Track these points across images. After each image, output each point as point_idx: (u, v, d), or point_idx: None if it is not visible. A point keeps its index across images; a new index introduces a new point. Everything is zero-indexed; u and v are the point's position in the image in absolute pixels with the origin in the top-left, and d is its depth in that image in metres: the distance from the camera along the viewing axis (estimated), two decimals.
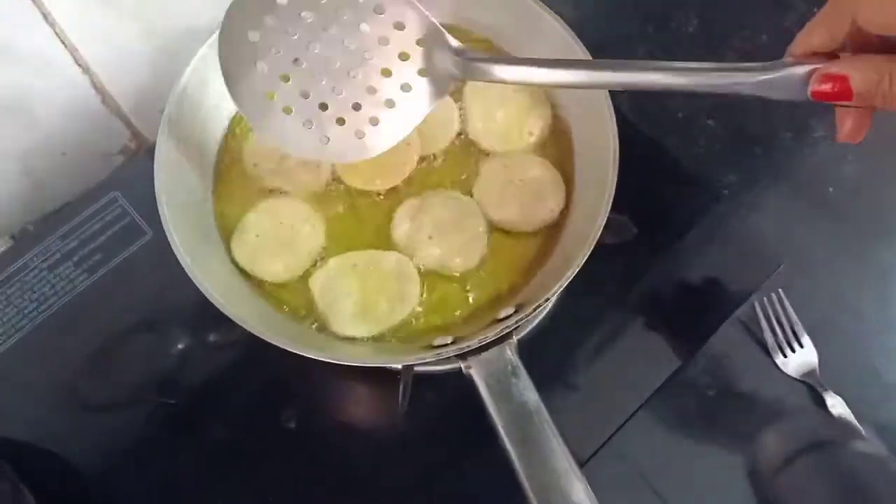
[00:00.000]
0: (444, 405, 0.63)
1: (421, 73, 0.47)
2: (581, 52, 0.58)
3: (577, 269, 0.50)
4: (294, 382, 0.65)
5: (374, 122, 0.48)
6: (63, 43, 0.65)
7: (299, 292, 0.58)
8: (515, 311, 0.50)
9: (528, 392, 0.47)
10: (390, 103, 0.48)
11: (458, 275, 0.58)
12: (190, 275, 0.52)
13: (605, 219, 0.52)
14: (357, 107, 0.48)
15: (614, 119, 0.55)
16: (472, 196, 0.60)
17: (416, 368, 0.59)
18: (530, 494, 0.44)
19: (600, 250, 0.52)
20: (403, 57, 0.46)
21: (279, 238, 0.58)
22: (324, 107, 0.48)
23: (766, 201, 0.75)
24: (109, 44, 0.69)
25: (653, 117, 0.78)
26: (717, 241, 0.70)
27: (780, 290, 0.69)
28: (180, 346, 0.67)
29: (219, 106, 0.62)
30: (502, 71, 0.45)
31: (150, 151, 0.56)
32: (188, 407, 0.65)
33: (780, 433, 0.55)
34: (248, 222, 0.59)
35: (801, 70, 0.38)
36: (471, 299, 0.57)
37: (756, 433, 0.65)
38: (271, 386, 0.65)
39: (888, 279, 0.72)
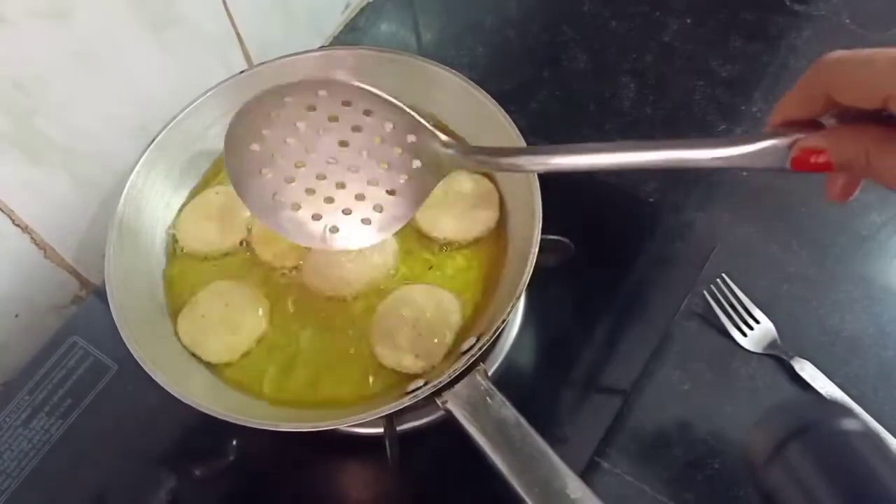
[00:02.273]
0: (433, 456, 0.64)
1: (417, 163, 0.49)
2: (486, 100, 0.64)
3: (523, 290, 0.53)
4: (285, 479, 0.65)
5: (379, 209, 0.51)
6: None
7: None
8: (477, 341, 0.52)
9: (504, 409, 0.49)
10: (392, 192, 0.50)
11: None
12: (163, 385, 0.53)
13: (538, 240, 0.55)
14: (361, 197, 0.51)
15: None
16: None
17: (398, 427, 0.60)
18: (530, 502, 0.45)
19: (546, 272, 0.55)
20: (398, 151, 0.49)
21: (224, 319, 0.61)
22: (329, 200, 0.51)
23: (689, 198, 0.79)
24: (44, 200, 0.71)
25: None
26: (652, 243, 0.73)
27: (723, 274, 0.72)
28: (168, 475, 0.66)
29: (156, 228, 0.66)
30: (495, 160, 0.48)
31: (99, 292, 0.58)
32: None
33: (764, 423, 0.56)
34: (197, 301, 0.62)
35: (782, 141, 0.39)
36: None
37: (737, 414, 0.67)
38: (264, 488, 0.65)
39: (818, 238, 0.76)
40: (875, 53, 0.36)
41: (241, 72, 0.69)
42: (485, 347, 0.51)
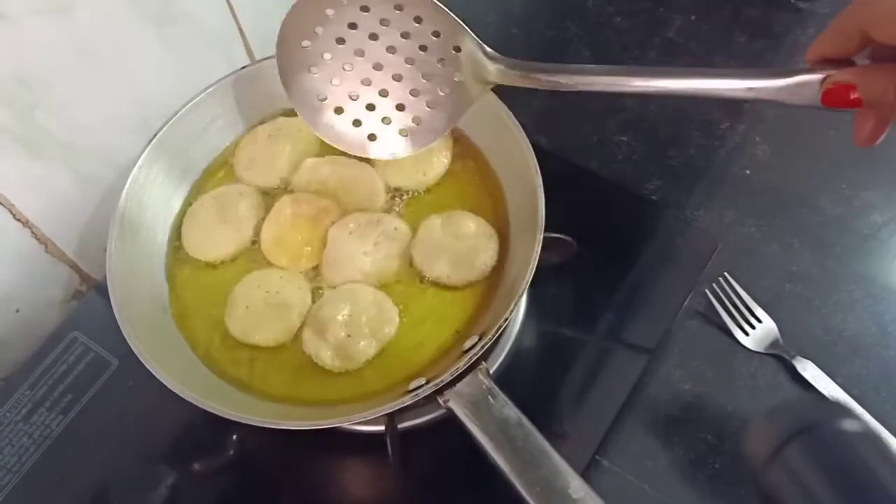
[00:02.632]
0: (435, 454, 0.64)
1: (459, 76, 0.50)
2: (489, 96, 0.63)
3: (525, 289, 0.53)
4: (285, 476, 0.65)
5: (417, 121, 0.52)
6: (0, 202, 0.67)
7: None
8: (479, 339, 0.52)
9: (507, 408, 0.49)
10: (432, 104, 0.52)
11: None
12: (164, 381, 0.53)
13: (541, 241, 0.55)
14: (401, 107, 0.52)
15: (533, 153, 0.59)
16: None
17: (399, 425, 0.60)
18: (531, 502, 0.45)
19: (549, 270, 0.55)
20: (442, 62, 0.50)
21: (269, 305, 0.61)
22: (371, 107, 0.52)
23: (691, 196, 0.79)
24: (45, 195, 0.71)
25: (570, 145, 0.83)
26: (655, 241, 0.73)
27: (725, 273, 0.72)
28: (168, 470, 0.66)
29: (157, 223, 0.65)
30: (534, 75, 0.50)
31: (100, 287, 0.58)
32: None
33: (764, 423, 0.56)
34: (236, 295, 0.62)
35: (816, 77, 0.40)
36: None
37: (738, 413, 0.67)
38: (264, 485, 0.65)
39: (820, 238, 0.76)
40: None
41: (244, 67, 0.69)
42: (487, 346, 0.51)
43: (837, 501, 0.47)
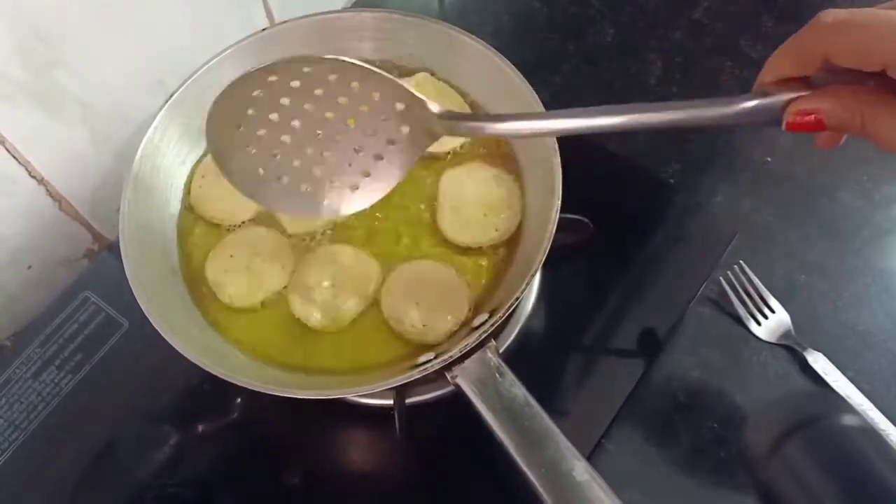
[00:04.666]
0: (442, 430, 0.64)
1: (405, 128, 0.48)
2: (508, 69, 0.62)
3: (539, 267, 0.52)
4: (290, 442, 0.66)
5: (366, 174, 0.50)
6: (15, 158, 0.67)
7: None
8: (490, 317, 0.52)
9: (514, 388, 0.49)
10: (378, 157, 0.49)
11: None
12: (174, 345, 0.52)
13: (557, 218, 0.54)
14: (347, 164, 0.50)
15: None
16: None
17: (407, 400, 0.60)
18: (535, 482, 0.45)
19: (563, 250, 0.54)
20: (385, 118, 0.48)
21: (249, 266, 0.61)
22: (315, 171, 0.50)
23: (710, 181, 0.78)
24: (60, 152, 0.71)
25: None
26: (672, 226, 0.72)
27: (740, 261, 0.71)
28: (174, 430, 0.67)
29: (171, 185, 0.64)
30: (482, 126, 0.47)
31: (112, 248, 0.57)
32: (192, 492, 0.65)
33: (764, 418, 0.56)
34: (226, 242, 0.63)
35: (777, 99, 0.39)
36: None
37: (746, 403, 0.66)
38: (269, 450, 0.66)
39: (840, 230, 0.75)
40: (875, 16, 0.36)
41: (263, 30, 0.68)
42: (497, 324, 0.51)
43: (836, 496, 0.47)
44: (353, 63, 0.46)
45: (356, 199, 0.51)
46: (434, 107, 0.47)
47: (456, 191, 0.63)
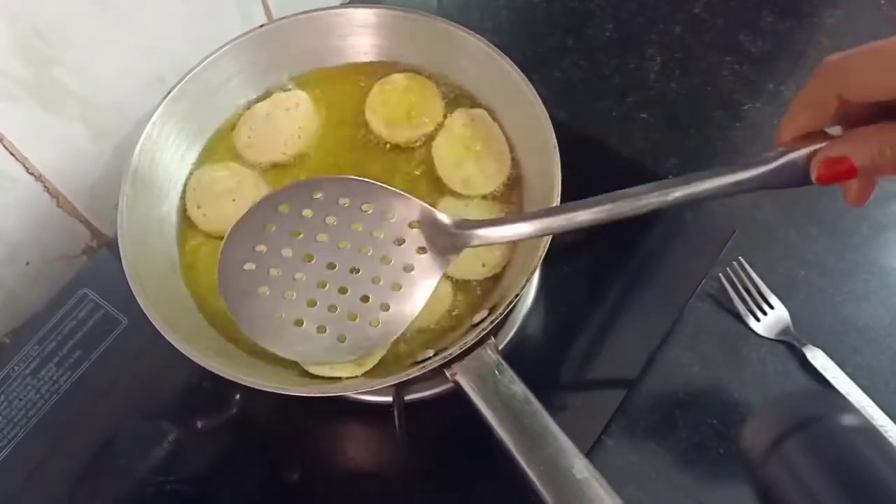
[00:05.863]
0: (441, 427, 0.64)
1: (420, 251, 0.48)
2: (507, 65, 0.62)
3: (538, 266, 0.52)
4: (288, 439, 0.66)
5: (385, 307, 0.50)
6: (13, 155, 0.67)
7: None
8: (489, 314, 0.52)
9: (514, 385, 0.49)
10: (396, 286, 0.49)
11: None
12: (174, 343, 0.52)
13: None
14: (365, 299, 0.49)
15: (552, 127, 0.58)
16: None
17: (406, 397, 0.60)
18: (534, 480, 0.45)
19: (563, 248, 0.54)
20: (399, 242, 0.48)
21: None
22: (333, 308, 0.49)
23: None
24: (59, 149, 0.71)
25: (590, 120, 0.82)
26: (671, 222, 0.72)
27: (739, 257, 0.71)
28: (173, 427, 0.67)
29: (170, 181, 0.64)
30: (496, 232, 0.47)
31: (111, 244, 0.57)
32: (191, 488, 0.65)
33: (762, 417, 0.56)
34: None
35: (799, 155, 0.39)
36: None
37: (745, 399, 0.66)
38: (267, 447, 0.66)
39: (838, 225, 0.75)
40: (880, 46, 0.36)
41: (261, 26, 0.68)
42: (497, 321, 0.51)
43: (836, 497, 0.46)
44: (362, 181, 0.46)
45: (377, 334, 0.51)
46: (444, 220, 0.47)
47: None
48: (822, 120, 0.39)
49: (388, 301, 0.50)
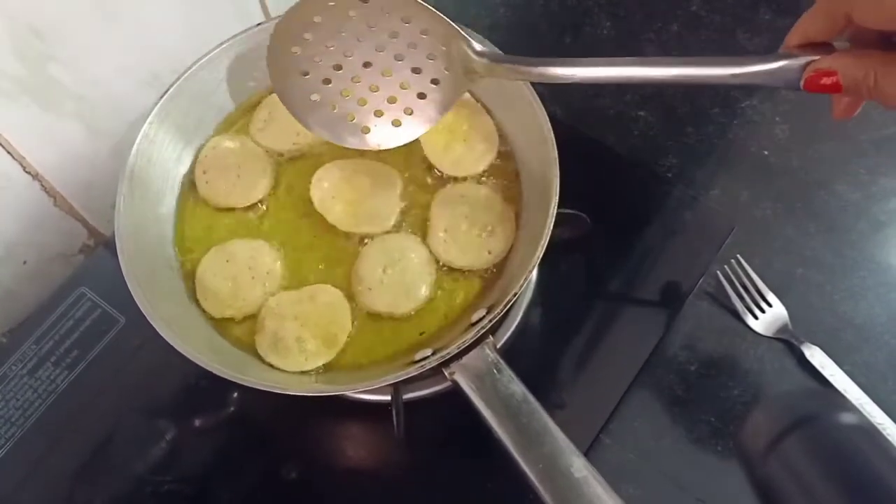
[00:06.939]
0: (439, 426, 0.64)
1: (447, 69, 0.52)
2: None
3: (536, 264, 0.52)
4: (287, 437, 0.66)
5: (409, 111, 0.55)
6: (10, 153, 0.66)
7: None
8: (487, 313, 0.52)
9: (512, 384, 0.49)
10: (422, 95, 0.54)
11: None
12: (171, 342, 0.52)
13: (554, 214, 0.54)
14: (392, 100, 0.55)
15: (550, 125, 0.58)
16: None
17: (404, 396, 0.60)
18: (532, 479, 0.45)
19: (561, 246, 0.54)
20: (431, 57, 0.52)
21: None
22: (363, 102, 0.55)
23: (708, 175, 0.78)
24: (56, 147, 0.71)
25: (587, 118, 0.82)
26: (669, 220, 0.72)
27: (738, 255, 0.71)
28: (171, 426, 0.67)
29: (167, 179, 0.64)
30: (520, 68, 0.51)
31: (108, 244, 0.57)
32: (189, 487, 0.65)
33: (761, 414, 0.56)
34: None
35: (798, 62, 0.42)
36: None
37: (743, 397, 0.66)
38: (266, 445, 0.66)
39: (836, 222, 0.75)
40: None
41: (258, 24, 0.67)
42: (495, 320, 0.51)
43: (835, 495, 0.46)
44: None
45: (399, 134, 0.56)
46: (476, 47, 0.51)
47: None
48: (829, 34, 0.41)
49: (412, 107, 0.55)
